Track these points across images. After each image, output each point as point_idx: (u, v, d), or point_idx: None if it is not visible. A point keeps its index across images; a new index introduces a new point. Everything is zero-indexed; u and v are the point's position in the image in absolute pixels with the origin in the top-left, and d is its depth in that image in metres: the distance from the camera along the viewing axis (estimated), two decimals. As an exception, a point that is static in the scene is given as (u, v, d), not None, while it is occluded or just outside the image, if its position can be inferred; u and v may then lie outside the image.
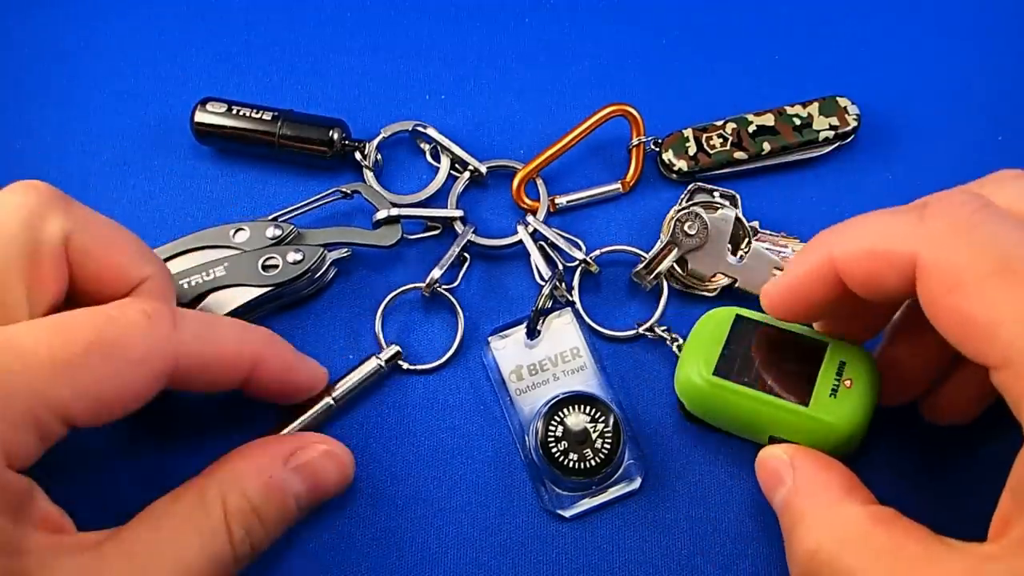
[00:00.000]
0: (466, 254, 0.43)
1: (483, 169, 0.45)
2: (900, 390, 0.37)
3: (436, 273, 0.41)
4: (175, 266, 0.40)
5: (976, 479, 0.38)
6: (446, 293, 0.42)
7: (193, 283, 0.40)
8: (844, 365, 0.36)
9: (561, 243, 0.43)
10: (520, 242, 0.43)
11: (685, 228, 0.42)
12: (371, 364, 0.40)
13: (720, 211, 0.43)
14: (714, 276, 0.42)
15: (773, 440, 0.36)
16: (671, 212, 0.44)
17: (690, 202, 0.43)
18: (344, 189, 0.44)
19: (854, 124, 0.45)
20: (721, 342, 0.37)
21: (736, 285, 0.42)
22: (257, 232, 0.41)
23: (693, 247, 0.42)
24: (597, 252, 0.43)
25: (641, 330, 0.42)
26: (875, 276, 0.30)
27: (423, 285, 0.42)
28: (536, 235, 0.43)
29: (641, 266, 0.42)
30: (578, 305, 0.42)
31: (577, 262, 0.43)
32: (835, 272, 0.31)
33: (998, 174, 0.32)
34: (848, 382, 0.36)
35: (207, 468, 0.34)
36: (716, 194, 0.44)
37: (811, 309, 0.34)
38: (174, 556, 0.31)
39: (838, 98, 0.46)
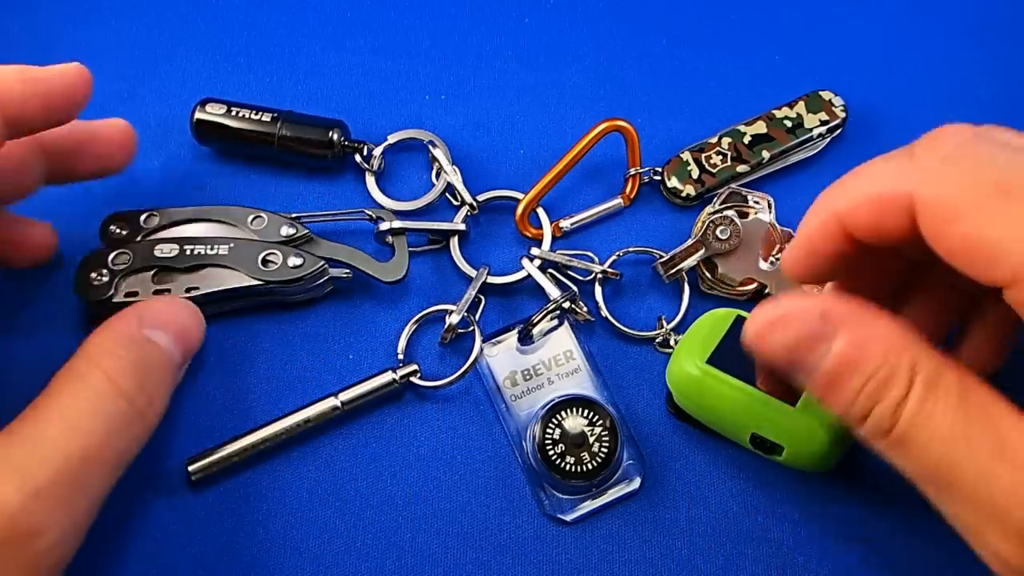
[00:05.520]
0: (480, 295, 0.42)
1: (475, 203, 0.44)
2: None
3: (455, 319, 0.41)
4: (191, 230, 0.42)
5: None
6: (464, 331, 0.42)
7: (196, 252, 0.40)
8: None
9: (574, 262, 0.42)
10: (529, 275, 0.43)
11: (717, 232, 0.42)
12: (385, 377, 0.40)
13: (753, 216, 0.42)
14: (744, 281, 0.42)
15: (755, 439, 0.36)
16: (704, 212, 0.43)
17: (723, 204, 0.43)
18: (370, 213, 0.43)
19: (842, 116, 0.45)
20: (718, 338, 0.37)
21: (767, 291, 0.42)
22: (273, 225, 0.42)
23: (723, 251, 0.42)
24: (612, 258, 0.43)
25: (668, 328, 0.41)
26: (878, 222, 0.30)
27: (442, 333, 0.41)
28: (545, 264, 0.43)
29: (664, 259, 0.42)
30: (609, 317, 0.42)
31: (593, 275, 0.42)
32: (842, 226, 0.31)
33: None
34: None
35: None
36: (750, 198, 0.43)
37: (826, 267, 0.33)
38: (67, 425, 0.31)
39: (820, 92, 0.46)
